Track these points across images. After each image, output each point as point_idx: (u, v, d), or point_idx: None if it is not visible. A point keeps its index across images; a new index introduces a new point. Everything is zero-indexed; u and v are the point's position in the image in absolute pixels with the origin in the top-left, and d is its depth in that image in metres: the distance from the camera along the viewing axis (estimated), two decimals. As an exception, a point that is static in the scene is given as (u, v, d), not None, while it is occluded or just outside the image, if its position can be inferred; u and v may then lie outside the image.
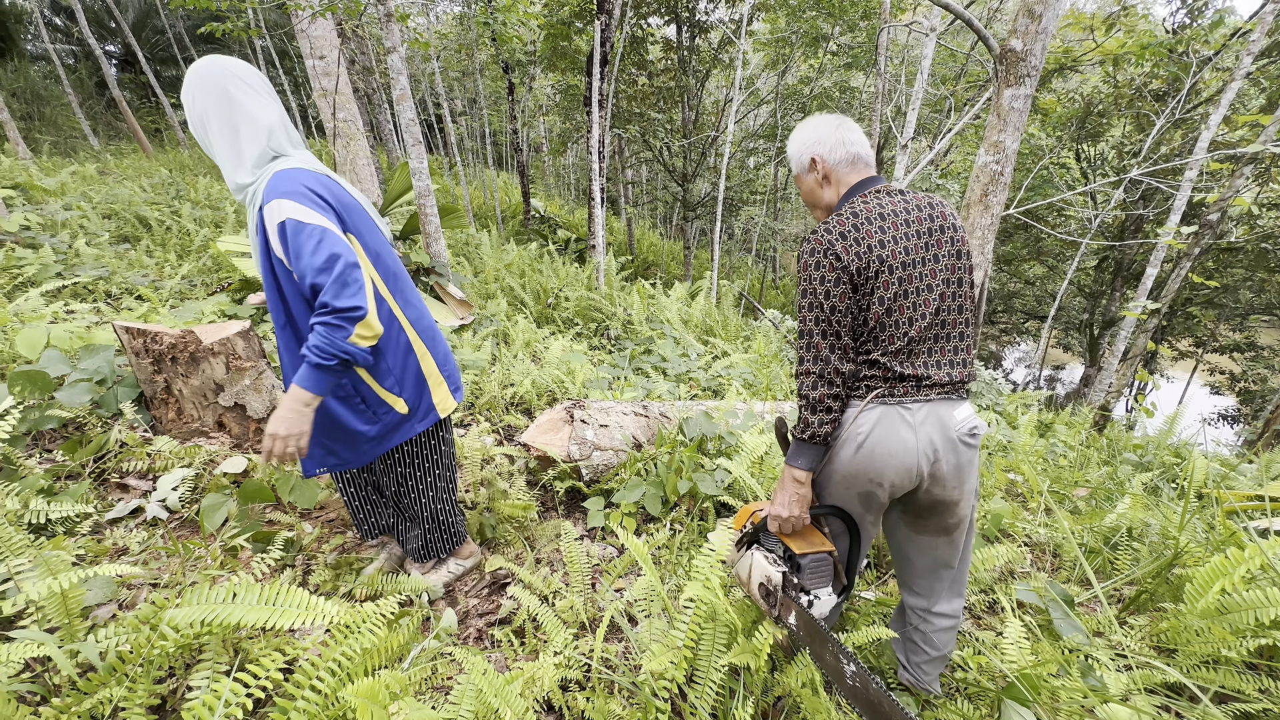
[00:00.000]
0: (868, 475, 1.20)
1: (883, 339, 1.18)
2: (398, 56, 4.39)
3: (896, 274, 1.16)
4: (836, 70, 12.14)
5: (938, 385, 1.19)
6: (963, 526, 1.29)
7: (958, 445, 1.19)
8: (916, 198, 1.21)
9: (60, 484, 1.82)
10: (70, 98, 11.41)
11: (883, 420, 1.18)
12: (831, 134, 1.27)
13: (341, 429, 1.38)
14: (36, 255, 4.28)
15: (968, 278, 1.24)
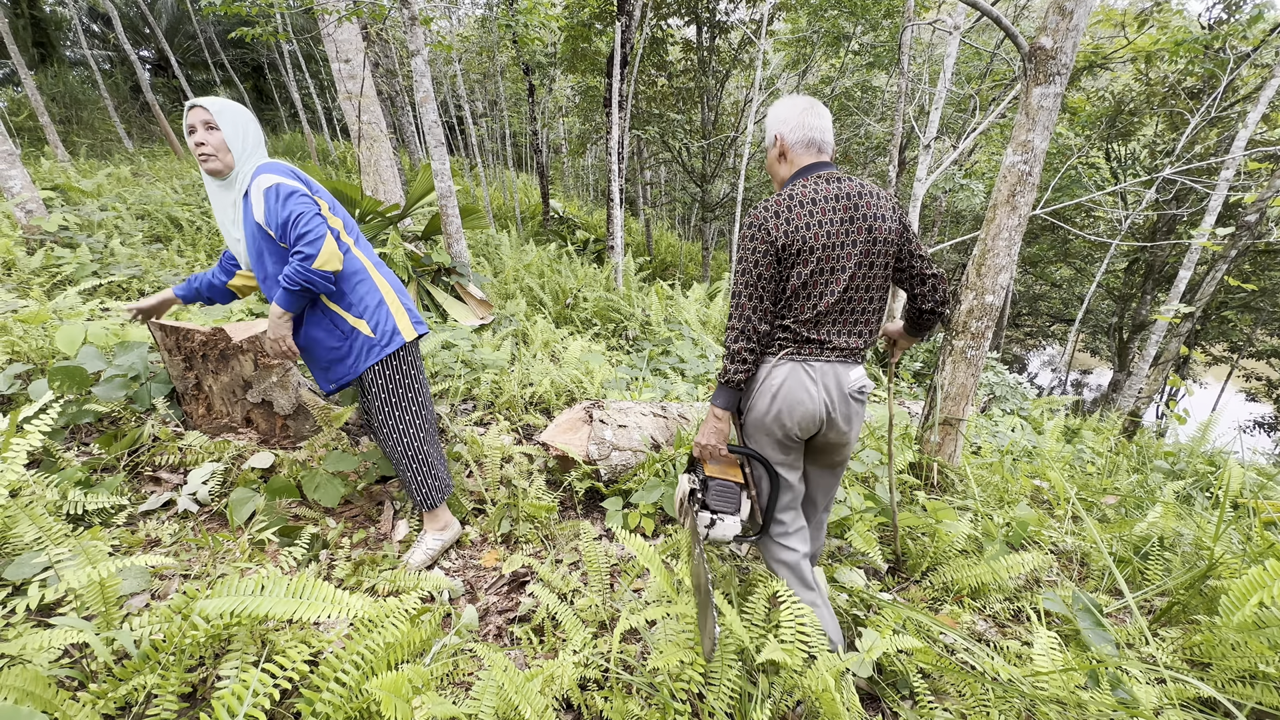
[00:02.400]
0: (780, 420, 1.43)
1: (796, 308, 1.39)
2: (421, 59, 4.45)
3: (816, 254, 1.34)
4: (858, 70, 12.01)
5: (838, 350, 1.42)
6: (842, 467, 1.60)
7: (849, 399, 1.44)
8: (851, 186, 1.37)
9: (96, 476, 1.87)
10: (106, 102, 11.76)
11: (791, 375, 1.41)
12: (796, 115, 1.41)
13: (324, 348, 1.74)
14: (74, 255, 4.41)
15: (880, 261, 1.40)
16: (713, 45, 11.74)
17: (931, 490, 2.58)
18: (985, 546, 1.95)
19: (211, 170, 1.58)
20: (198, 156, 1.57)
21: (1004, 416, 5.00)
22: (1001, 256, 2.34)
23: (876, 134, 12.31)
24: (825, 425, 1.44)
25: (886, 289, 1.46)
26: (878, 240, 1.36)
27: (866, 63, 11.53)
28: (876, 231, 1.36)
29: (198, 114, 1.56)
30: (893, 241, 1.39)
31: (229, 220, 1.66)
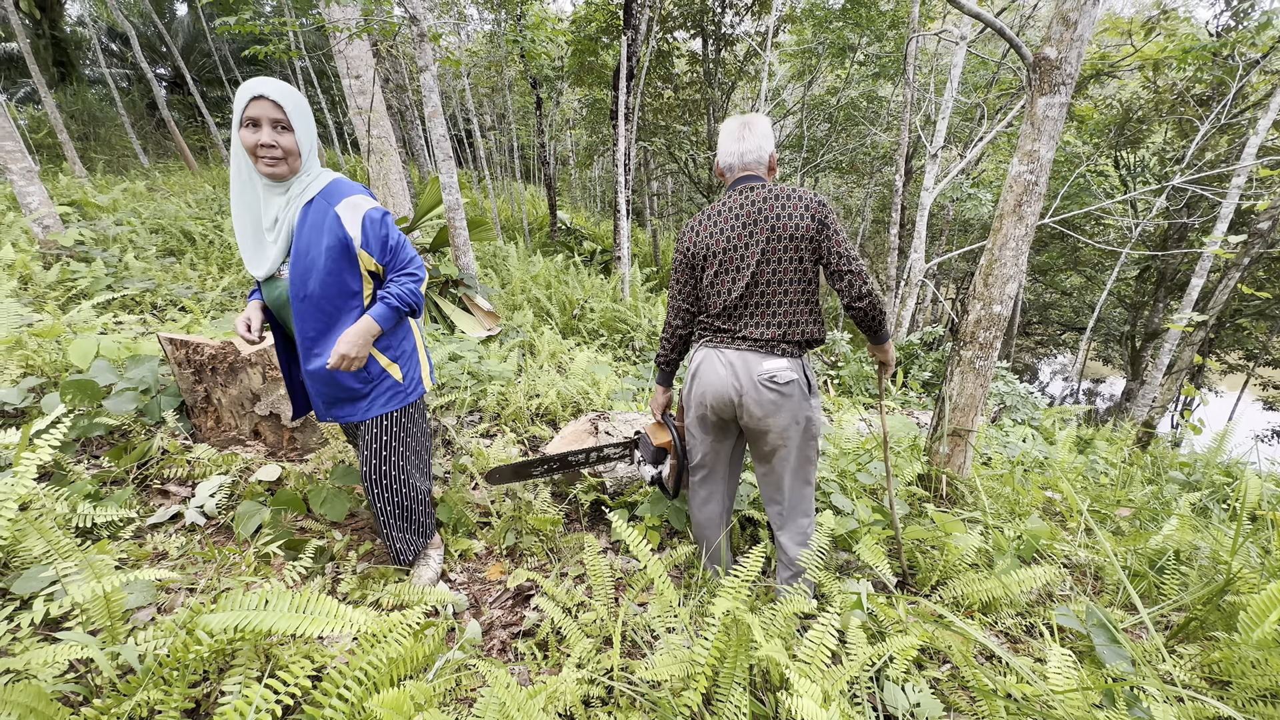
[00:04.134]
0: (697, 398, 1.67)
1: (707, 304, 1.66)
2: (430, 75, 4.51)
3: (718, 258, 1.59)
4: (864, 80, 12.06)
5: (749, 339, 1.58)
6: (777, 459, 1.63)
7: (759, 385, 1.55)
8: (760, 194, 1.55)
9: (106, 489, 1.89)
10: (123, 118, 12.01)
11: (705, 360, 1.64)
12: (723, 142, 1.65)
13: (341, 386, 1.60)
14: (89, 269, 4.48)
15: (787, 259, 1.53)
16: (718, 58, 11.83)
17: (941, 502, 2.55)
18: (996, 560, 1.92)
19: (278, 175, 1.41)
20: (262, 159, 1.38)
21: (1015, 427, 4.95)
22: (1009, 266, 2.33)
23: (883, 144, 12.33)
24: (740, 410, 1.59)
25: (804, 284, 1.56)
26: (781, 239, 1.51)
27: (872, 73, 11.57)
28: (780, 231, 1.51)
29: (265, 108, 1.36)
30: (802, 239, 1.51)
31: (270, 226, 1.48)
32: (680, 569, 2.00)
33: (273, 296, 1.56)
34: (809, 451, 1.64)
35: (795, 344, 1.58)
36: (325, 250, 1.45)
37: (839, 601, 1.59)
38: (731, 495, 1.84)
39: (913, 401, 5.59)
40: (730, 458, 1.77)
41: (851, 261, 1.51)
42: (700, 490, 1.83)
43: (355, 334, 1.48)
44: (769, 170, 1.65)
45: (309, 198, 1.45)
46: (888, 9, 10.42)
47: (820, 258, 1.54)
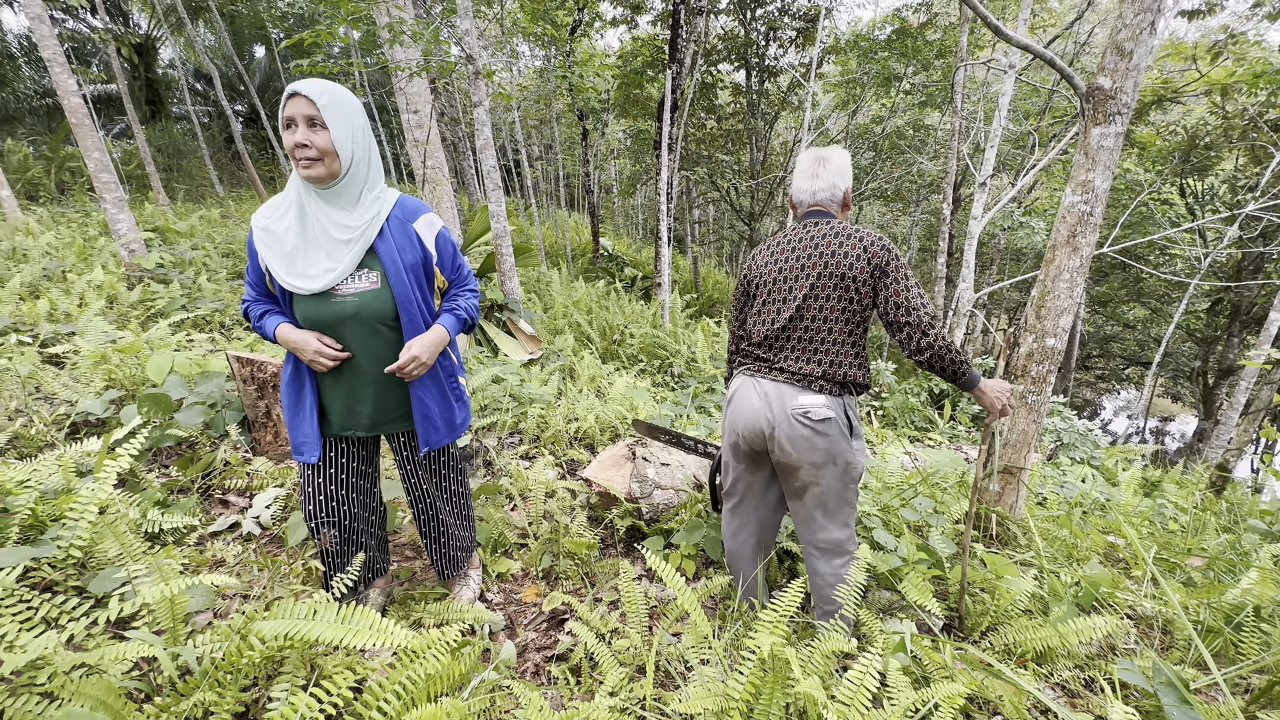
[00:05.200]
0: (730, 424, 1.67)
1: (750, 332, 1.67)
2: (483, 110, 4.74)
3: (766, 287, 1.62)
4: (910, 109, 11.97)
5: (786, 372, 1.57)
6: (809, 496, 1.59)
7: (791, 419, 1.52)
8: (821, 229, 1.56)
9: (173, 497, 2.01)
10: (203, 151, 12.98)
11: (742, 388, 1.65)
12: (797, 178, 1.66)
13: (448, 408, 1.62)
14: (167, 290, 4.82)
15: (835, 296, 1.52)
16: (762, 89, 11.97)
17: (991, 543, 2.44)
18: (1052, 607, 1.82)
19: (314, 177, 1.31)
20: (299, 160, 1.30)
21: (1073, 466, 4.69)
22: (1062, 299, 2.25)
23: (929, 171, 12.15)
24: (771, 443, 1.56)
25: (850, 326, 1.53)
26: (831, 277, 1.51)
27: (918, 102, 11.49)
28: (831, 269, 1.50)
29: (300, 106, 1.27)
30: (853, 281, 1.49)
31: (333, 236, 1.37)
32: (715, 600, 1.97)
33: (325, 314, 1.40)
34: (847, 494, 1.59)
35: (836, 383, 1.55)
36: (409, 267, 1.46)
37: (881, 642, 1.54)
38: (767, 527, 1.80)
39: (961, 436, 5.39)
40: (764, 489, 1.74)
41: (910, 312, 1.45)
42: (732, 519, 1.81)
43: (430, 340, 1.48)
44: (842, 207, 1.64)
45: (387, 213, 1.43)
46: (935, 39, 10.38)
47: (876, 305, 1.51)
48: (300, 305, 1.40)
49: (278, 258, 1.37)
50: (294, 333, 1.40)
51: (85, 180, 10.08)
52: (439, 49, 5.24)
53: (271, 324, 1.43)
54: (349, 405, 1.51)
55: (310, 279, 1.36)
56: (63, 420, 2.40)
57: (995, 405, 1.58)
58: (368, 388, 1.50)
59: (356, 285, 1.40)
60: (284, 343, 1.42)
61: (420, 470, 1.68)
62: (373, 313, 1.42)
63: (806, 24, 10.82)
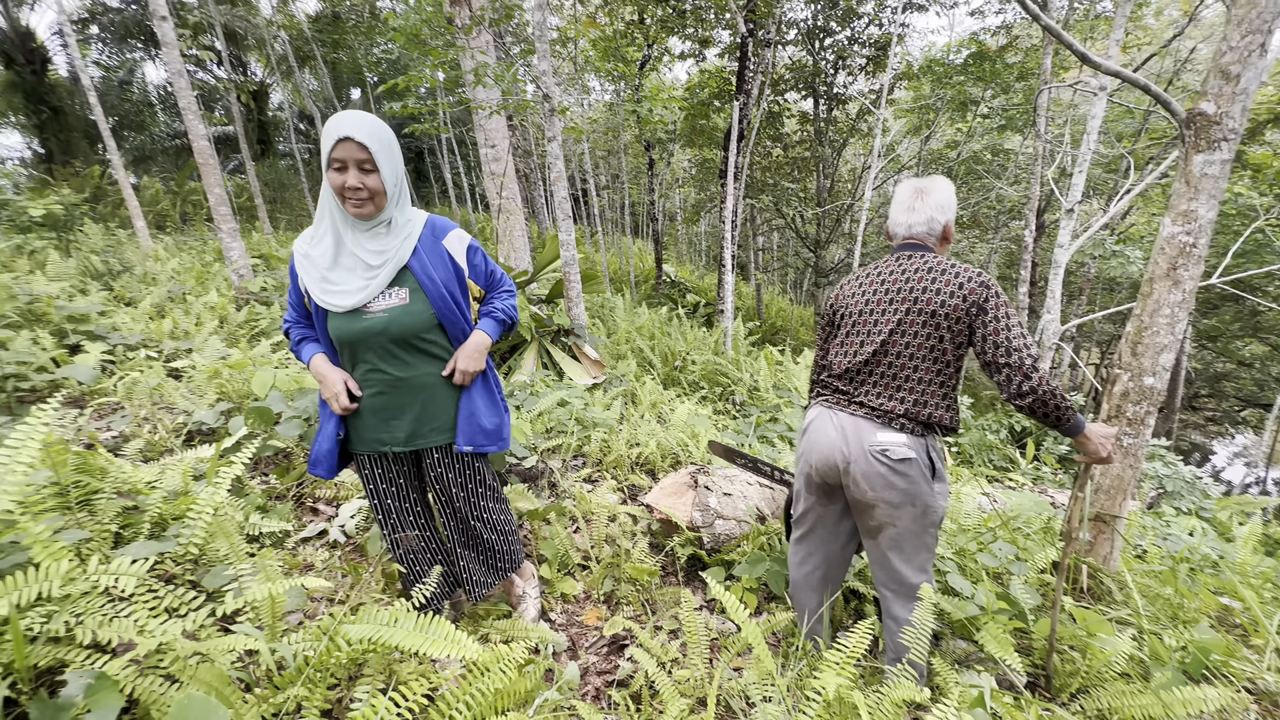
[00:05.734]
0: (804, 454, 1.65)
1: (831, 362, 1.65)
2: (557, 144, 4.97)
3: (851, 318, 1.60)
4: (988, 133, 11.54)
5: (866, 407, 1.54)
6: (884, 537, 1.54)
7: (869, 456, 1.48)
8: (914, 263, 1.53)
9: (271, 503, 2.19)
10: (304, 185, 14.22)
11: (818, 419, 1.63)
12: (894, 210, 1.64)
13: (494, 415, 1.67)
14: (269, 311, 5.28)
15: (924, 333, 1.48)
16: (830, 116, 11.90)
17: (1081, 597, 2.26)
18: (1153, 672, 1.66)
19: (364, 215, 1.40)
20: (350, 200, 1.37)
21: (1178, 517, 4.27)
22: (1162, 335, 2.10)
23: (1010, 197, 11.61)
24: (846, 478, 1.53)
25: (938, 365, 1.48)
26: (921, 314, 1.47)
27: (997, 125, 11.07)
28: (921, 305, 1.47)
29: (350, 150, 1.33)
30: (945, 318, 1.45)
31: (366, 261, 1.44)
32: (778, 636, 1.93)
33: (355, 330, 1.46)
34: (925, 538, 1.53)
35: (919, 423, 1.49)
36: (443, 282, 1.53)
37: (957, 695, 1.46)
38: (834, 562, 1.75)
39: (1046, 478, 5.02)
40: (836, 523, 1.70)
41: (1011, 353, 1.38)
42: (799, 548, 1.77)
43: (474, 348, 1.57)
44: (941, 241, 1.60)
45: (418, 234, 1.51)
46: (1015, 61, 10.02)
47: (973, 344, 1.45)
48: (333, 322, 1.47)
49: (314, 279, 1.45)
50: (325, 366, 1.51)
51: (204, 212, 11.25)
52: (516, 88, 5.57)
53: (307, 352, 1.54)
54: (384, 420, 1.55)
55: (343, 297, 1.43)
56: (181, 428, 2.67)
57: (1099, 453, 1.50)
58: (404, 399, 1.53)
59: (386, 302, 1.47)
60: (314, 372, 1.52)
61: (454, 486, 1.65)
62: (402, 328, 1.48)
63: (877, 51, 10.71)
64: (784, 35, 10.68)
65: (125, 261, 5.72)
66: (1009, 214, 12.32)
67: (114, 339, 3.72)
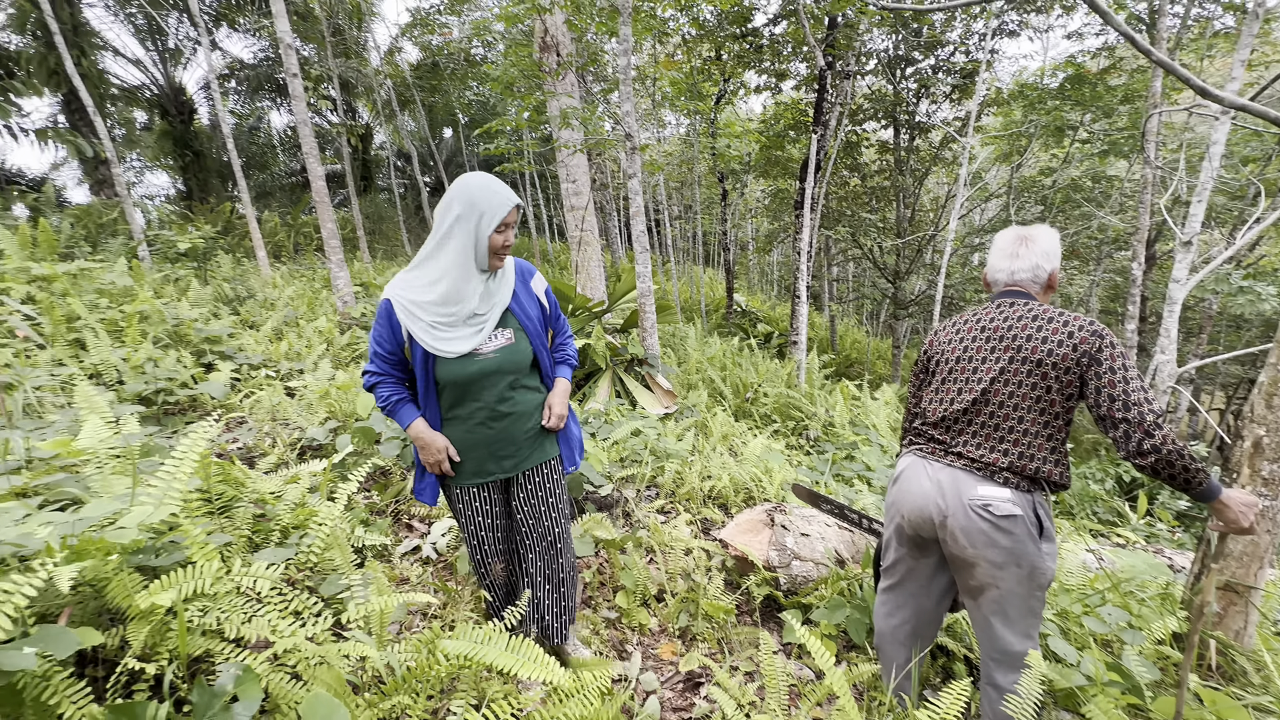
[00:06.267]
0: (895, 504, 1.60)
1: (926, 410, 1.60)
2: (637, 181, 5.16)
3: (948, 365, 1.56)
4: (1087, 159, 10.84)
5: (965, 458, 1.47)
6: (986, 599, 1.46)
7: (969, 511, 1.41)
8: (1017, 310, 1.48)
9: (372, 518, 2.36)
10: (399, 217, 15.38)
11: (910, 469, 1.57)
12: (995, 257, 1.61)
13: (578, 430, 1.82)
14: (367, 335, 5.73)
15: (1029, 381, 1.42)
16: (911, 145, 11.60)
17: (1209, 675, 2.03)
18: (1301, 771, 1.47)
19: (500, 266, 1.58)
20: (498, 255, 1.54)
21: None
22: (1305, 387, 1.90)
23: (1114, 227, 10.80)
24: (942, 531, 1.47)
25: (1046, 416, 1.41)
26: (1026, 362, 1.41)
27: (1098, 151, 10.39)
28: (1026, 353, 1.42)
29: (515, 214, 1.54)
30: (1052, 367, 1.39)
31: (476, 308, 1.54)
32: (860, 689, 1.86)
33: (466, 374, 1.54)
34: (1032, 602, 1.44)
35: (1025, 477, 1.41)
36: (537, 320, 1.67)
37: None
38: (925, 618, 1.67)
39: (1162, 536, 4.55)
40: (929, 578, 1.62)
41: (1130, 407, 1.29)
42: (887, 598, 1.71)
43: (563, 394, 1.71)
44: (1045, 289, 1.55)
45: (513, 278, 1.63)
46: (1118, 84, 9.42)
47: (1085, 397, 1.37)
48: (444, 366, 1.54)
49: (423, 328, 1.51)
50: (427, 433, 1.58)
51: (314, 242, 12.39)
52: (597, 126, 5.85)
53: (406, 416, 1.58)
54: (491, 453, 1.63)
55: (457, 343, 1.52)
56: (295, 442, 2.94)
57: (1239, 522, 1.36)
58: (513, 431, 1.63)
59: (495, 343, 1.57)
60: (416, 437, 1.58)
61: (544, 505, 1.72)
62: (512, 365, 1.60)
63: (964, 79, 10.40)
64: (863, 65, 10.59)
65: (249, 289, 6.39)
66: (1112, 244, 11.43)
67: (240, 359, 4.16)
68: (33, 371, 3.05)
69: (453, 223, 1.49)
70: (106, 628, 1.28)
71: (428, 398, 1.60)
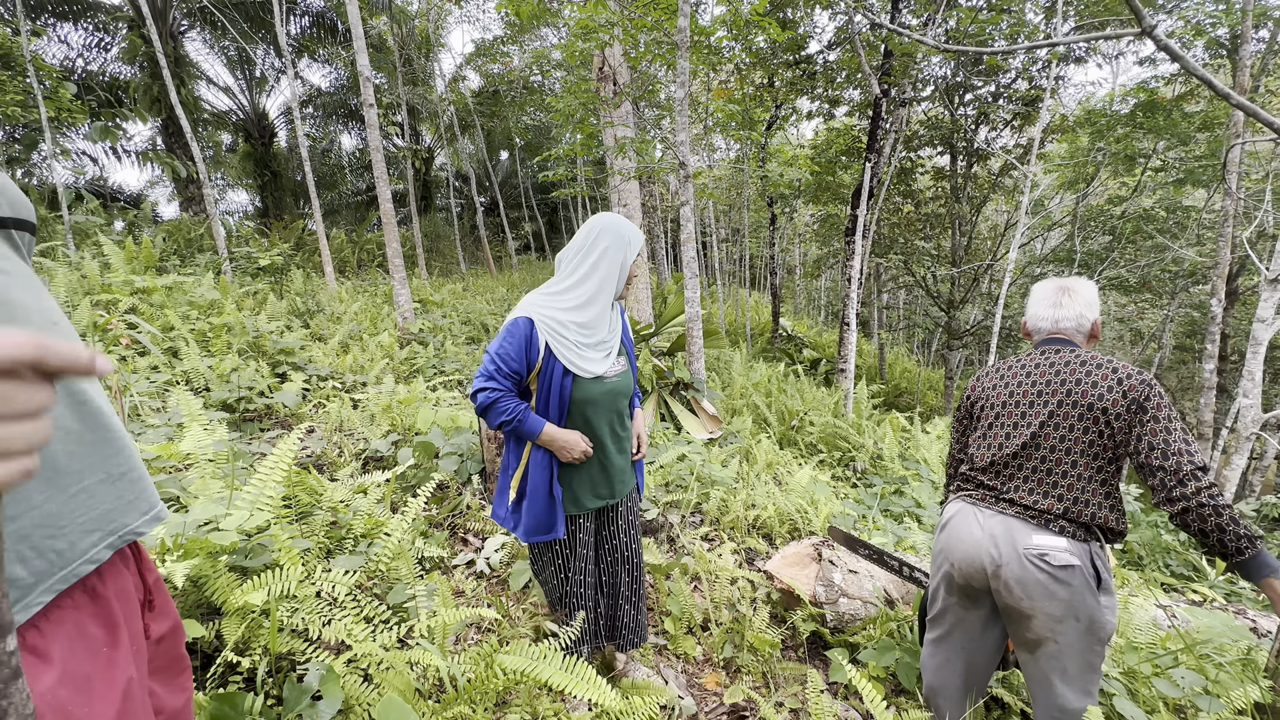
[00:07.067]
0: (944, 552, 1.57)
1: (974, 455, 1.58)
2: (689, 208, 5.25)
3: (994, 410, 1.55)
4: (1161, 188, 10.34)
5: (1017, 505, 1.45)
6: (1043, 654, 1.41)
7: (1024, 561, 1.38)
8: (1064, 356, 1.49)
9: (430, 530, 2.48)
10: (455, 236, 16.02)
11: (960, 515, 1.55)
12: (1035, 306, 1.61)
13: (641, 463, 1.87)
14: (425, 350, 5.99)
15: (1080, 426, 1.40)
16: (969, 172, 11.35)
17: (1296, 751, 1.89)
18: None
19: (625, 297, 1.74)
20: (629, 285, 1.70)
21: None
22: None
23: (1190, 260, 10.22)
24: (995, 582, 1.43)
25: (1098, 461, 1.39)
26: (1076, 407, 1.41)
27: (1173, 180, 9.90)
28: (1076, 398, 1.41)
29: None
30: (1102, 413, 1.38)
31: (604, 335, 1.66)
32: (909, 736, 1.82)
33: (596, 393, 1.61)
34: (1092, 657, 1.39)
35: (1080, 525, 1.39)
36: (630, 351, 1.78)
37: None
38: (978, 670, 1.62)
39: (1245, 595, 4.22)
40: (981, 629, 1.57)
41: (1169, 456, 1.28)
42: (936, 650, 1.67)
43: (644, 426, 1.80)
44: (1089, 338, 1.56)
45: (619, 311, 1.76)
46: (1195, 110, 9.00)
47: (1128, 444, 1.36)
48: (582, 386, 1.60)
49: (568, 345, 1.57)
50: (560, 431, 1.58)
51: (377, 259, 13.02)
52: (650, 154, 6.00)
53: (537, 423, 1.56)
54: (601, 479, 1.69)
55: (595, 364, 1.61)
56: (360, 453, 3.11)
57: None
58: (623, 458, 1.74)
59: (617, 369, 1.69)
60: (552, 438, 1.56)
61: (631, 529, 1.84)
62: (627, 390, 1.72)
63: (1025, 106, 10.15)
64: (919, 92, 10.48)
65: (319, 303, 6.79)
66: (1189, 278, 10.80)
67: (310, 370, 4.43)
68: (134, 377, 3.34)
69: (602, 252, 1.61)
70: (203, 622, 1.41)
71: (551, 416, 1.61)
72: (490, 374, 1.56)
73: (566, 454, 1.59)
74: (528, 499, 1.60)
